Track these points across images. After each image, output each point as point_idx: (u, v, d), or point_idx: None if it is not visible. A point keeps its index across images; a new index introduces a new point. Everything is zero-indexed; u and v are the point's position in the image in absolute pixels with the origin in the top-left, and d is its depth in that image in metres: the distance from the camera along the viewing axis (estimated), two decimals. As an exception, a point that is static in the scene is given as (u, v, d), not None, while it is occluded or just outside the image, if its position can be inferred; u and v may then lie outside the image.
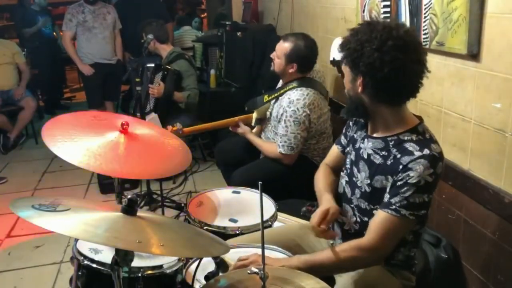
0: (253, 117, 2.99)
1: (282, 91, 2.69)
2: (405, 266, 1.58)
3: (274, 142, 2.68)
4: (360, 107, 1.49)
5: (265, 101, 2.84)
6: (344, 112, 1.58)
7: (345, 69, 1.48)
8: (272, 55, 2.72)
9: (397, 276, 1.56)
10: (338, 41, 2.90)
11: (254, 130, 3.03)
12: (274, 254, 1.64)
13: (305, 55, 2.61)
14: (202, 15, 8.08)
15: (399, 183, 1.39)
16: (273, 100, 2.80)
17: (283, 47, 2.63)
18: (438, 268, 1.90)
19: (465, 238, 1.96)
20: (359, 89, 1.44)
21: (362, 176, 1.54)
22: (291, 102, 2.54)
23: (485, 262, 1.85)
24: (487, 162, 1.80)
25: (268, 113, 2.91)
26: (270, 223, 1.96)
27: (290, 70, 2.63)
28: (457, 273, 1.96)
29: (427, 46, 2.03)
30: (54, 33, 6.37)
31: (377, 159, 1.49)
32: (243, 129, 2.88)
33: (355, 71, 1.43)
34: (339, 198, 1.67)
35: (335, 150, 1.80)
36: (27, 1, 6.17)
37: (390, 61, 1.35)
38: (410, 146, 1.41)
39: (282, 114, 2.58)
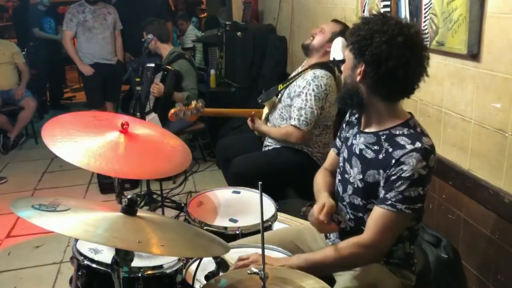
0: (264, 112, 3.00)
1: (305, 70, 2.72)
2: (405, 265, 1.58)
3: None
4: (355, 97, 1.50)
5: (279, 89, 2.86)
6: (337, 100, 1.59)
7: (348, 55, 1.49)
8: (314, 31, 2.76)
9: (397, 275, 1.56)
10: (338, 41, 2.90)
11: None
12: (274, 254, 1.64)
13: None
14: (202, 15, 8.08)
15: (393, 177, 1.40)
16: (288, 83, 2.80)
17: (335, 26, 2.72)
18: (438, 268, 1.90)
19: (465, 238, 1.96)
20: (358, 78, 1.45)
21: (354, 172, 1.54)
22: (316, 77, 2.58)
23: (485, 262, 1.85)
24: (487, 162, 1.80)
25: (276, 100, 2.90)
26: (270, 223, 1.96)
27: (328, 49, 2.68)
28: (457, 273, 1.96)
29: (427, 46, 2.03)
30: (59, 34, 6.33)
31: (369, 154, 1.50)
32: (257, 123, 2.88)
33: (359, 59, 1.43)
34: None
35: (331, 153, 1.82)
36: (28, 1, 6.14)
37: (396, 56, 1.36)
38: (401, 140, 1.42)
39: (304, 87, 2.59)
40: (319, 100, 2.56)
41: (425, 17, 2.06)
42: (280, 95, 2.84)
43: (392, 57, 1.36)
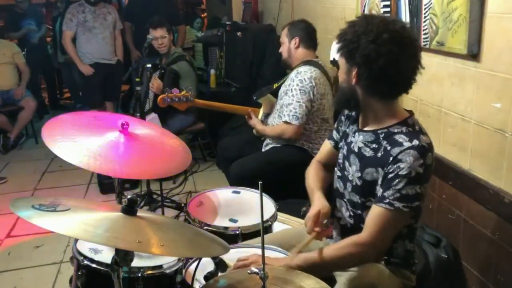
0: (260, 112, 3.03)
1: (290, 73, 2.78)
2: (406, 265, 1.58)
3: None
4: (352, 99, 1.50)
5: (274, 87, 2.91)
6: (335, 103, 1.60)
7: (341, 60, 1.50)
8: (280, 50, 2.88)
9: (397, 275, 1.56)
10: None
11: None
12: (274, 254, 1.64)
13: (303, 26, 2.80)
14: (203, 15, 8.08)
15: (390, 175, 1.40)
16: (281, 82, 2.86)
17: (283, 32, 2.86)
18: (438, 268, 1.90)
19: (465, 238, 1.96)
20: (353, 81, 1.45)
21: (353, 170, 1.55)
22: (298, 73, 2.66)
23: (485, 262, 1.85)
24: (487, 162, 1.80)
25: (275, 101, 2.94)
26: (270, 223, 1.96)
27: (295, 45, 2.77)
28: (457, 273, 1.96)
29: (427, 46, 2.04)
30: (49, 39, 6.26)
31: (368, 152, 1.50)
32: (254, 120, 2.94)
33: (351, 62, 1.44)
34: (332, 193, 1.68)
35: (327, 145, 1.80)
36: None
37: (386, 53, 1.36)
38: (400, 138, 1.42)
39: (289, 85, 2.67)
40: (305, 93, 2.60)
41: (425, 17, 2.06)
42: (278, 97, 2.86)
43: (381, 54, 1.36)
